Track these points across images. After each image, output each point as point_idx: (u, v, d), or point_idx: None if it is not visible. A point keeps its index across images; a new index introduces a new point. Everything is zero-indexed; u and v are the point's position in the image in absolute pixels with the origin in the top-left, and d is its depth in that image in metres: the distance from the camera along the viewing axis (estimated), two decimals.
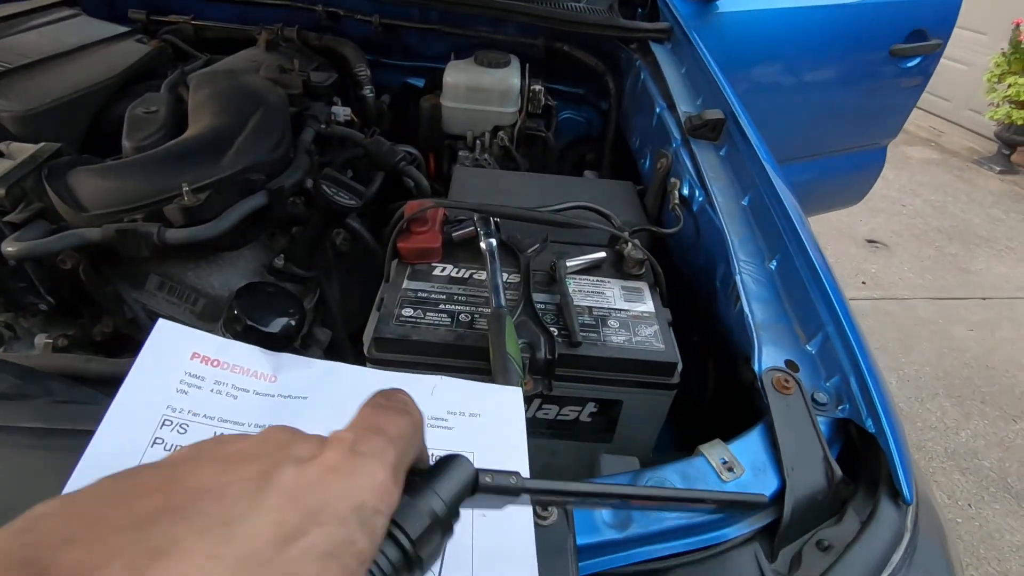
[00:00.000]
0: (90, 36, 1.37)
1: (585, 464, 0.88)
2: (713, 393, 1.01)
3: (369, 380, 0.60)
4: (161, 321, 0.56)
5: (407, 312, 0.87)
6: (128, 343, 1.15)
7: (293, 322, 1.11)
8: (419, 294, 0.91)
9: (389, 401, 0.39)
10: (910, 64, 2.59)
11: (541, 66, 1.73)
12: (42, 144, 1.02)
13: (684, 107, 1.30)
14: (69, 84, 1.19)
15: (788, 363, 0.72)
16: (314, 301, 1.27)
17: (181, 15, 1.63)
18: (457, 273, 0.96)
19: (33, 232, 0.93)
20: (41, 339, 1.08)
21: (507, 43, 1.74)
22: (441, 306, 0.89)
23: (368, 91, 1.63)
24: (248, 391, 0.55)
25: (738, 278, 0.85)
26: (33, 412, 0.68)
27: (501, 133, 1.61)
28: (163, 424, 0.50)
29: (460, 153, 1.63)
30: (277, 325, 1.05)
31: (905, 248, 4.41)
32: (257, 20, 1.69)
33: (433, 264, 0.98)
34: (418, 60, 1.86)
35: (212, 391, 0.53)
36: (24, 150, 1.02)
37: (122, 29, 1.43)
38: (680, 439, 1.05)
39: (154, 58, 1.36)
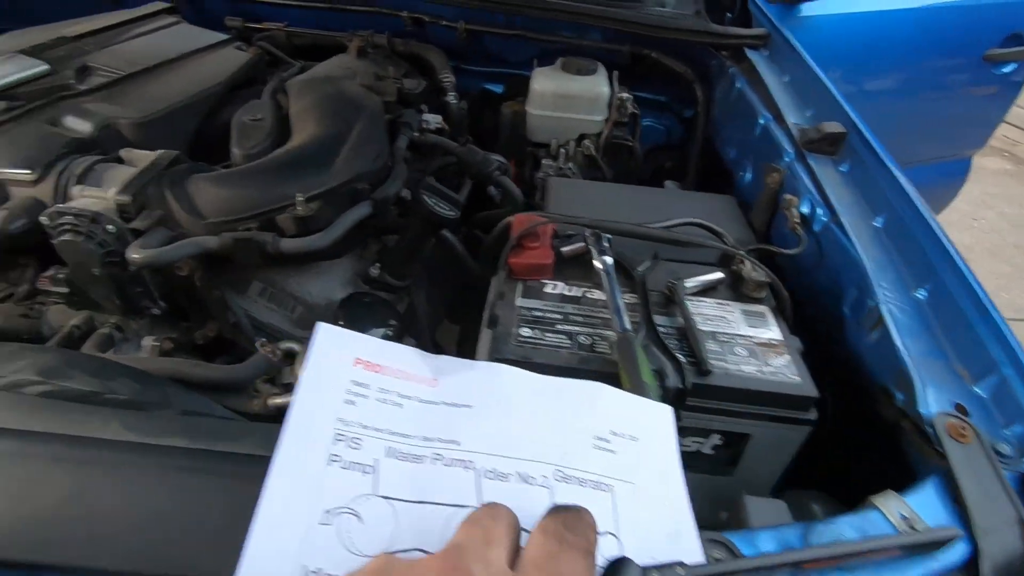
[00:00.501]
0: (192, 44, 1.40)
1: (707, 497, 0.84)
2: (832, 428, 0.96)
3: (530, 385, 0.58)
4: (322, 326, 0.54)
5: (525, 332, 0.85)
6: (226, 347, 1.16)
7: (391, 332, 1.12)
8: (534, 313, 0.89)
9: (573, 535, 0.37)
10: (1004, 70, 2.44)
11: (624, 72, 1.69)
12: (160, 152, 1.03)
13: (792, 118, 1.23)
14: (178, 91, 1.21)
15: (958, 407, 0.66)
16: (404, 310, 1.26)
17: (273, 22, 1.66)
18: (570, 291, 0.93)
19: (154, 239, 0.95)
20: (148, 341, 1.10)
21: (591, 49, 1.71)
22: (558, 327, 0.86)
23: (452, 97, 1.62)
24: (412, 398, 0.53)
25: (883, 307, 0.79)
26: (169, 427, 0.68)
27: (586, 141, 1.58)
28: (336, 439, 0.48)
29: (544, 161, 1.60)
30: (377, 335, 1.06)
31: (978, 264, 4.18)
32: (344, 27, 1.71)
33: (543, 281, 0.95)
34: (499, 66, 1.84)
35: (378, 400, 0.52)
36: (143, 157, 1.04)
37: (221, 37, 1.46)
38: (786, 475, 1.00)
39: (254, 65, 1.37)
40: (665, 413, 0.59)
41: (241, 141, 1.10)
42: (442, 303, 1.40)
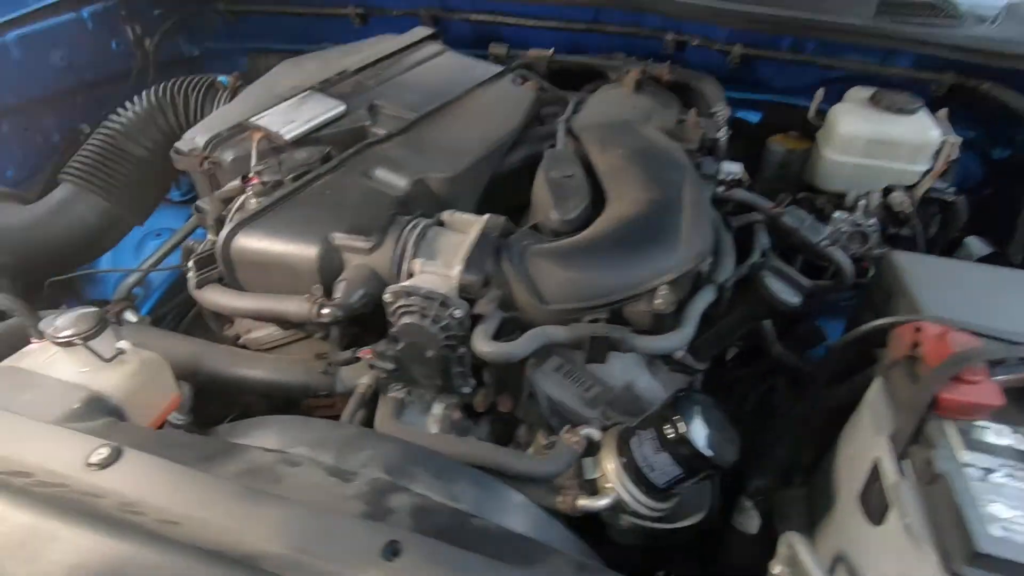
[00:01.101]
0: (467, 77, 1.31)
1: None
2: None
3: None
4: None
5: (1003, 511, 0.64)
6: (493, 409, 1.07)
7: (737, 456, 0.95)
8: (992, 477, 0.68)
9: None
10: None
11: (933, 105, 1.40)
12: (487, 218, 0.94)
13: None
14: (476, 139, 1.12)
15: None
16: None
17: (520, 47, 1.54)
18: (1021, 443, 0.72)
19: (493, 324, 0.85)
20: (439, 409, 1.03)
21: (895, 78, 1.43)
22: None
23: (723, 134, 1.42)
24: None
25: None
26: None
27: (897, 194, 1.32)
28: None
29: (836, 215, 1.35)
30: (729, 456, 0.90)
31: None
32: (595, 49, 1.56)
33: (978, 423, 0.74)
34: (758, 91, 1.61)
35: None
36: (467, 223, 0.95)
37: (493, 68, 1.36)
38: None
39: (534, 103, 1.26)
40: None
41: (559, 204, 0.98)
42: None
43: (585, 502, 0.97)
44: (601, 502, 0.96)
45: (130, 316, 1.30)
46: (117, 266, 1.58)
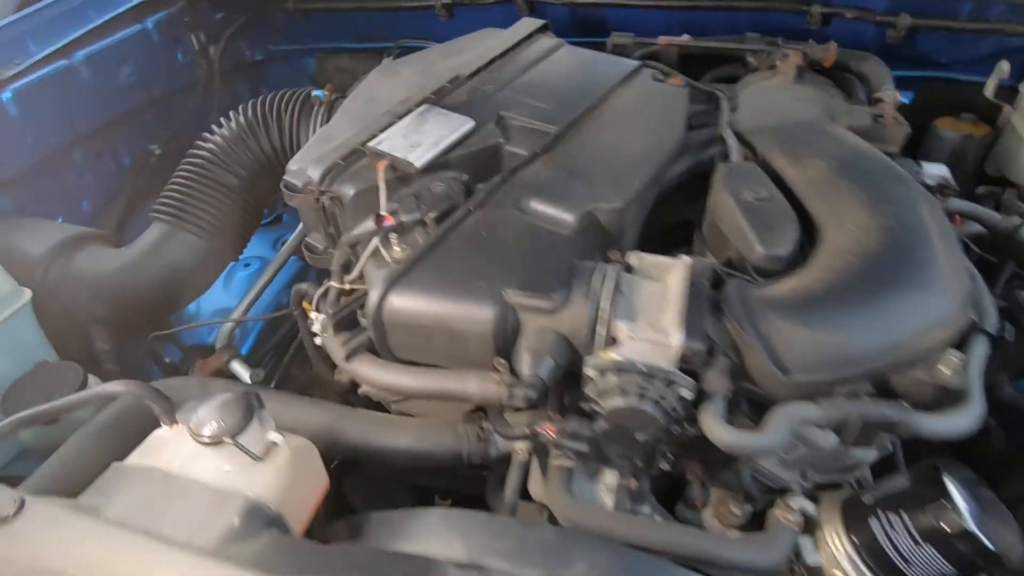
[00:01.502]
0: (597, 75, 1.12)
1: None
2: None
3: None
4: None
5: None
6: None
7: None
8: None
9: None
10: None
11: None
12: (689, 262, 0.76)
13: None
14: (636, 155, 0.94)
15: None
16: None
17: (624, 32, 1.34)
18: None
19: (720, 401, 0.68)
20: (612, 479, 0.88)
21: None
22: None
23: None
24: None
25: None
26: None
27: None
28: None
29: None
30: (1018, 551, 0.73)
31: None
32: (705, 29, 1.35)
33: None
34: (922, 68, 1.38)
35: None
36: (663, 267, 0.78)
37: (622, 62, 1.17)
38: None
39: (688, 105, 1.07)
40: None
41: (764, 235, 0.80)
42: None
43: None
44: None
45: (238, 367, 1.18)
46: (205, 298, 1.46)
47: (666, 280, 0.77)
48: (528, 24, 1.30)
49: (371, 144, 0.98)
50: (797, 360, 0.68)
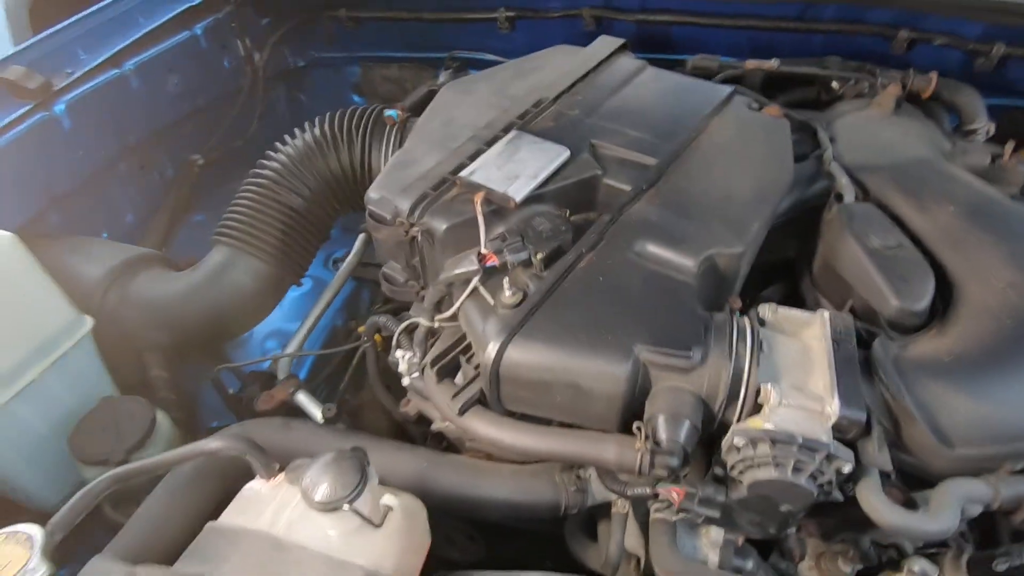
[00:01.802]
0: (690, 101, 1.08)
1: None
2: None
3: None
4: None
5: None
6: None
7: None
8: None
9: None
10: None
11: None
12: (826, 316, 0.72)
13: None
14: (748, 193, 0.89)
15: None
16: None
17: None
18: None
19: (876, 475, 0.64)
20: (718, 534, 0.84)
21: None
22: None
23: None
24: None
25: None
26: None
27: None
28: None
29: None
30: None
31: None
32: (780, 50, 1.30)
33: None
34: (1009, 96, 1.34)
35: None
36: (798, 322, 0.73)
37: (714, 88, 1.12)
38: None
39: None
40: None
41: (899, 288, 0.76)
42: None
43: None
44: None
45: (305, 400, 1.13)
46: None
47: (803, 336, 0.73)
48: (608, 43, 1.24)
49: (465, 175, 0.93)
50: (960, 432, 0.64)
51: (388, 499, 0.70)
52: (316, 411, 1.09)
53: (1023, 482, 0.61)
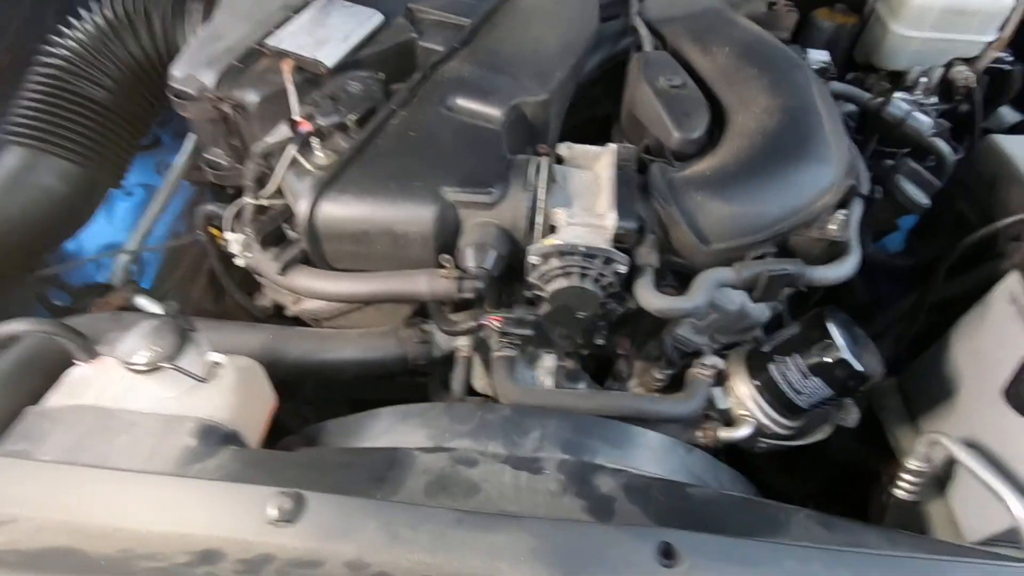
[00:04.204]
0: None
1: None
2: None
3: None
4: None
5: None
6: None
7: (883, 368, 0.93)
8: None
9: None
10: None
11: None
12: (614, 148, 0.80)
13: None
14: (554, 47, 0.93)
15: None
16: None
17: None
18: None
19: (650, 274, 0.75)
20: (550, 362, 0.96)
21: None
22: None
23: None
24: None
25: None
26: None
27: (961, 68, 1.26)
28: None
29: (897, 95, 1.29)
30: (878, 370, 0.88)
31: None
32: None
33: None
34: None
35: None
36: (590, 156, 0.81)
37: None
38: None
39: None
40: None
41: (680, 121, 0.85)
42: None
43: (727, 434, 0.95)
44: (742, 431, 0.95)
45: (145, 302, 1.09)
46: (86, 235, 1.29)
47: (595, 168, 0.81)
48: None
49: (271, 42, 0.90)
50: (715, 231, 0.76)
51: (216, 357, 0.72)
52: (159, 311, 1.06)
53: (758, 265, 0.75)
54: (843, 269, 0.77)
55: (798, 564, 0.54)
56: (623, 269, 0.72)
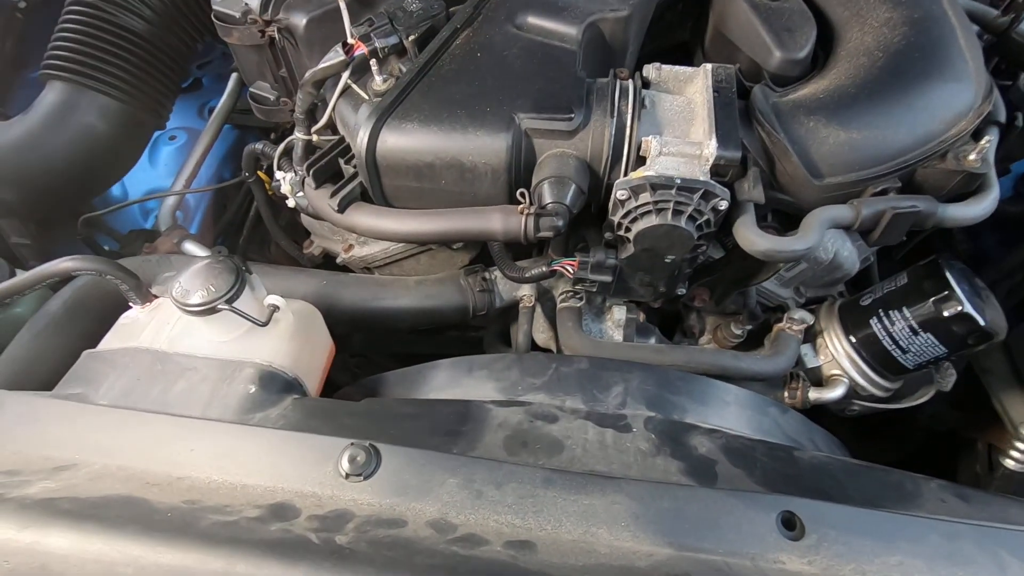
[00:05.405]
0: None
1: None
2: None
3: None
4: None
5: None
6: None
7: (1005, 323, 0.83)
8: None
9: None
10: None
11: None
12: (710, 68, 0.69)
13: None
14: None
15: None
16: None
17: None
18: None
19: (751, 211, 0.66)
20: (622, 313, 0.88)
21: None
22: None
23: None
24: None
25: None
26: None
27: None
28: None
29: None
30: (1002, 325, 0.78)
31: None
32: None
33: None
34: None
35: None
36: (682, 78, 0.70)
37: None
38: None
39: None
40: None
41: (782, 39, 0.74)
42: None
43: (816, 395, 0.87)
44: (834, 392, 0.87)
45: (193, 247, 1.05)
46: (129, 180, 1.26)
47: (687, 92, 0.71)
48: None
49: None
50: (830, 162, 0.66)
51: (274, 299, 0.66)
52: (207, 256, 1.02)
53: (881, 202, 0.65)
54: (982, 207, 0.66)
55: (944, 541, 0.47)
56: (724, 205, 0.63)
